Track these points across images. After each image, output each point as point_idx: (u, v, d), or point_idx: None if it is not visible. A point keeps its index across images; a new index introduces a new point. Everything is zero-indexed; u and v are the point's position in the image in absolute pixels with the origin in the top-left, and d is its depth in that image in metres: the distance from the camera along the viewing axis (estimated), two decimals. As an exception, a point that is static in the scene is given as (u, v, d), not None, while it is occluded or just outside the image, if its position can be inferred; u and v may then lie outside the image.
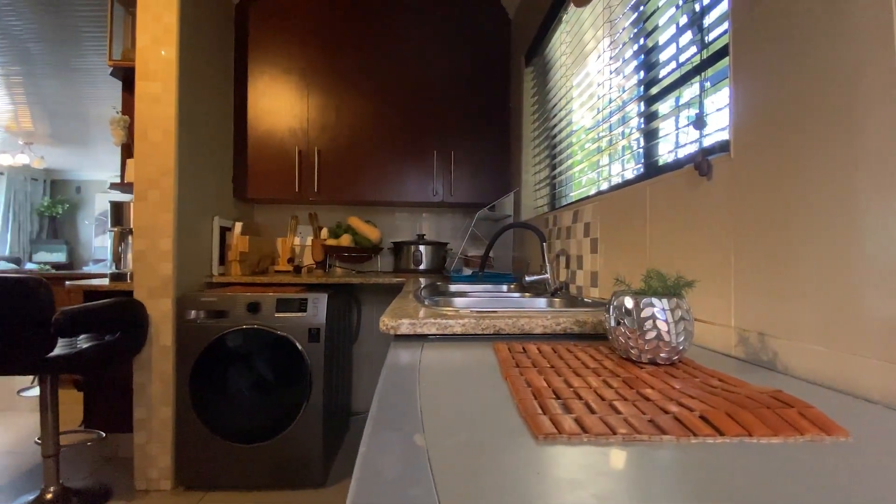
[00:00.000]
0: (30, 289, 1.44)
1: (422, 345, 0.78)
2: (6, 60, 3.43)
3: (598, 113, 1.53)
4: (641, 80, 1.27)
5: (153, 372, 1.83)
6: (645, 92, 1.24)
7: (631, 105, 1.32)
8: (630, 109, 1.33)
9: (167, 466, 1.83)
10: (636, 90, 1.30)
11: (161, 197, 1.84)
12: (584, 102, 1.63)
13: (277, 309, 1.85)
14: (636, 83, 1.30)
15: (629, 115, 1.35)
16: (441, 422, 0.44)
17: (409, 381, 0.58)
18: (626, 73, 1.35)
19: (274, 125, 2.40)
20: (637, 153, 1.37)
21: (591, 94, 1.56)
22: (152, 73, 1.85)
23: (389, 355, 0.72)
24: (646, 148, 1.24)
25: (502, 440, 0.40)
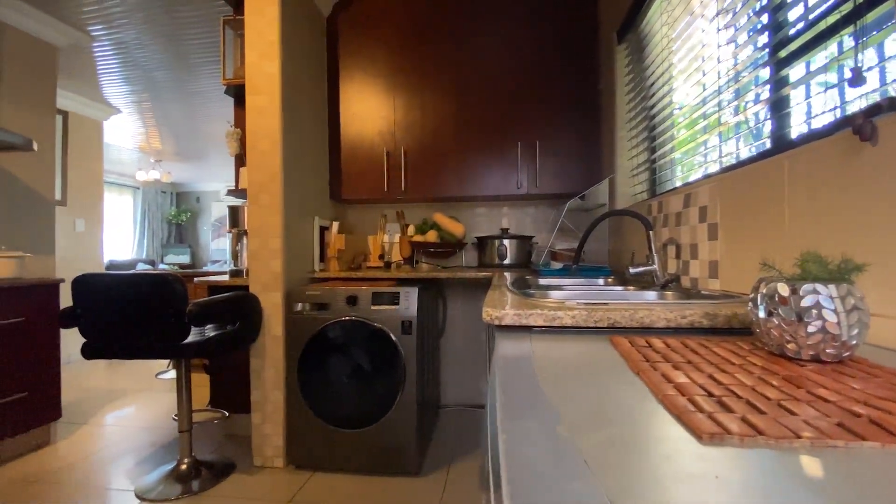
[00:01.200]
0: (169, 284, 1.65)
1: (529, 336, 0.75)
2: (138, 88, 4.01)
3: (704, 90, 1.37)
4: (766, 45, 1.11)
5: (266, 359, 2.01)
6: (771, 56, 1.08)
7: (748, 74, 1.16)
8: (748, 79, 1.18)
9: (280, 446, 2.00)
10: (759, 56, 1.14)
11: (270, 200, 2.02)
12: (691, 76, 1.47)
13: (373, 302, 1.93)
14: (756, 48, 1.15)
15: (747, 86, 1.20)
16: (579, 415, 0.41)
17: (526, 371, 0.56)
18: (739, 42, 1.19)
19: (363, 128, 2.51)
20: (758, 127, 1.21)
21: (699, 68, 1.40)
22: (259, 88, 2.03)
23: (498, 346, 0.70)
24: (776, 118, 1.09)
25: (656, 437, 0.36)
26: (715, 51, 1.29)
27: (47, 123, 2.86)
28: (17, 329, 2.12)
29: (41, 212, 2.79)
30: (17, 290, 2.12)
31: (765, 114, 1.14)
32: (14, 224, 2.63)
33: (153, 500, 1.78)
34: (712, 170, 1.31)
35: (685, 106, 1.53)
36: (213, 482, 1.89)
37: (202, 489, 1.85)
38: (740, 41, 1.22)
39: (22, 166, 2.68)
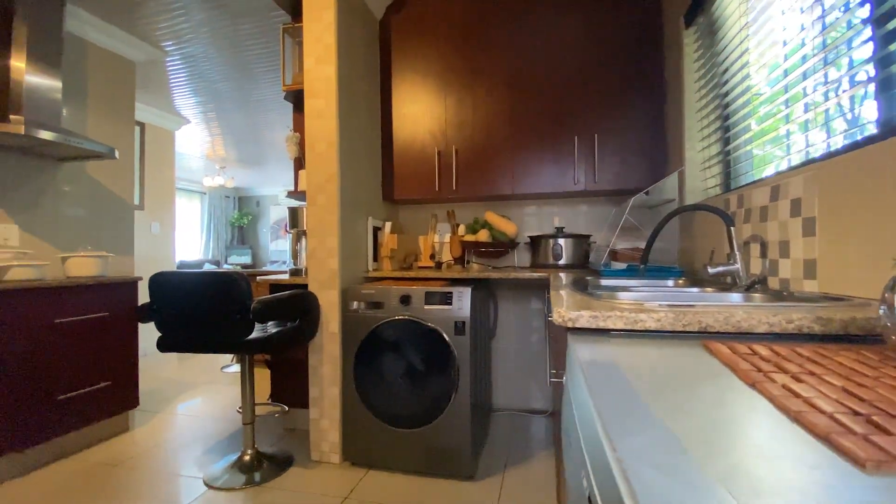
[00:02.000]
0: (235, 282, 1.73)
1: (607, 340, 0.69)
2: (204, 100, 4.28)
3: (787, 75, 1.24)
4: (867, 19, 0.98)
5: (324, 355, 2.06)
6: (877, 30, 0.95)
7: (841, 54, 1.03)
8: (841, 59, 1.04)
9: (336, 442, 2.04)
10: (853, 33, 1.01)
11: (327, 201, 2.06)
12: (771, 60, 1.33)
13: (426, 301, 1.92)
14: (850, 26, 1.01)
15: (840, 67, 1.06)
16: (698, 433, 0.35)
17: (618, 380, 0.50)
18: (828, 21, 1.06)
19: (415, 129, 2.52)
20: (857, 111, 1.06)
21: (781, 51, 1.27)
22: (316, 91, 2.08)
23: (575, 350, 0.65)
24: (884, 99, 0.95)
25: (806, 465, 0.30)
26: (800, 31, 1.16)
27: (127, 134, 3.10)
28: (101, 323, 2.31)
29: (122, 215, 3.04)
30: (101, 287, 2.31)
31: (859, 98, 1.01)
32: (98, 226, 2.87)
33: (219, 488, 1.87)
34: (797, 161, 1.18)
35: (766, 92, 1.39)
36: (273, 474, 1.95)
37: (263, 480, 1.91)
38: (829, 20, 1.09)
39: (105, 174, 2.93)
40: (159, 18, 2.78)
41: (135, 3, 2.62)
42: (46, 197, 2.56)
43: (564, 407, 0.68)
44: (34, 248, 2.49)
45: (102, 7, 2.65)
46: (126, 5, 2.63)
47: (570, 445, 0.55)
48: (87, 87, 2.82)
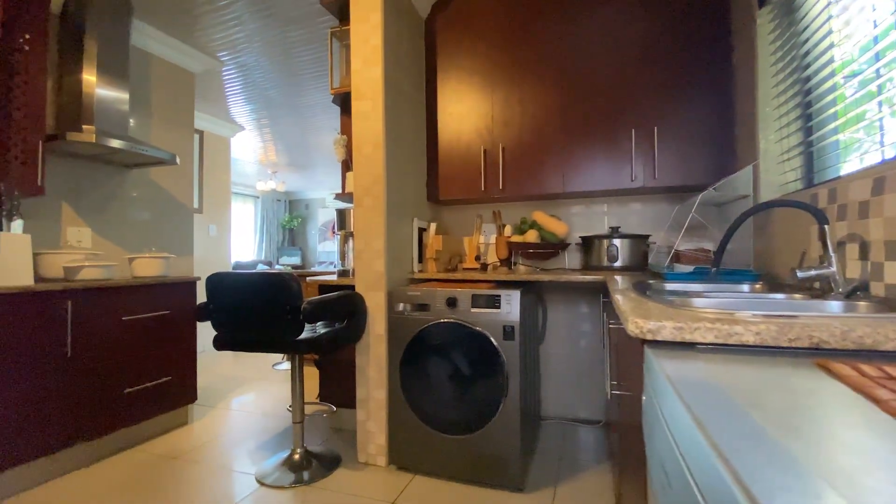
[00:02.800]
0: (286, 282, 1.75)
1: (694, 354, 0.60)
2: (257, 107, 4.45)
3: (880, 59, 1.07)
4: None
5: (370, 357, 2.05)
6: None
7: None
8: None
9: (382, 444, 2.02)
10: None
11: (374, 202, 2.05)
12: (862, 40, 1.16)
13: (473, 304, 1.86)
14: None
15: None
16: (855, 478, 0.27)
17: (725, 403, 0.42)
18: None
19: (461, 128, 2.47)
20: None
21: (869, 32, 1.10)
22: (363, 93, 2.08)
23: (661, 366, 0.57)
24: None
25: None
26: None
27: (187, 141, 3.27)
28: (163, 321, 2.43)
29: (183, 218, 3.20)
30: (163, 287, 2.43)
31: None
32: (161, 228, 3.04)
33: (270, 485, 1.90)
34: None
35: (862, 73, 1.22)
36: (321, 474, 1.96)
37: (312, 480, 1.93)
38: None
39: (168, 179, 3.10)
40: (216, 29, 2.91)
41: (194, 16, 2.75)
42: (115, 201, 2.74)
43: (652, 429, 0.60)
44: (104, 249, 2.66)
45: (165, 21, 2.80)
46: (186, 18, 2.77)
47: (667, 475, 0.47)
48: (151, 98, 3.00)
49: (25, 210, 2.26)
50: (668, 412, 0.49)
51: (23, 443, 1.81)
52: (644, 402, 0.65)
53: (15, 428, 1.79)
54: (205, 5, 2.64)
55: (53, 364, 1.92)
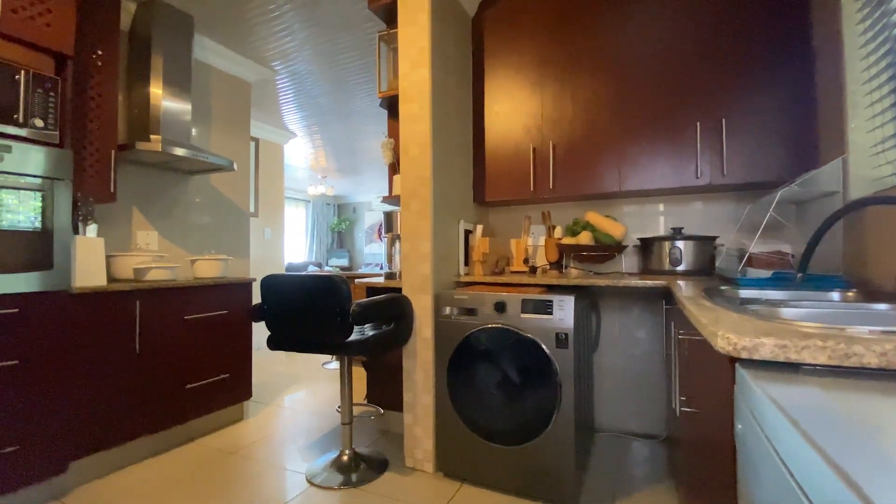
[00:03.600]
0: (336, 285, 1.76)
1: (802, 378, 0.51)
2: (307, 114, 4.60)
3: None
4: None
5: (417, 361, 2.02)
6: None
7: None
8: None
9: (429, 450, 1.99)
10: None
11: (420, 205, 2.03)
12: None
13: (522, 310, 1.79)
14: None
15: None
16: None
17: (859, 439, 0.34)
18: None
19: (509, 126, 2.40)
20: None
21: None
22: (411, 95, 2.07)
23: (757, 389, 0.49)
24: None
25: None
26: None
27: (244, 148, 3.42)
28: (222, 320, 2.54)
29: (240, 222, 3.35)
30: (222, 287, 2.54)
31: None
32: (220, 232, 3.19)
33: (318, 485, 1.92)
34: None
35: None
36: (369, 477, 1.96)
37: (360, 482, 1.92)
38: None
39: (226, 185, 3.25)
40: (269, 40, 3.02)
41: (249, 27, 2.86)
42: (179, 206, 2.90)
43: (755, 462, 0.52)
44: (169, 251, 2.83)
45: (222, 33, 2.94)
46: (241, 30, 2.89)
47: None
48: (211, 107, 3.16)
49: (99, 215, 2.44)
50: (783, 447, 0.41)
51: (95, 434, 1.94)
52: (739, 431, 0.57)
53: (88, 420, 1.92)
54: (258, 16, 2.74)
55: (123, 360, 2.05)
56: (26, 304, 1.70)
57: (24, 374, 1.69)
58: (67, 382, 1.83)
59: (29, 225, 1.78)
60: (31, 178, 1.77)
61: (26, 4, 1.74)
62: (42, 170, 1.78)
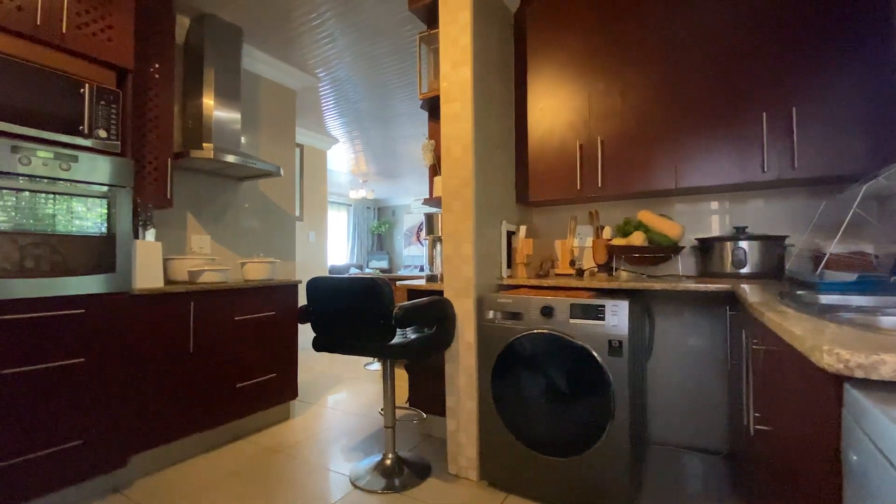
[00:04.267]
0: (379, 287, 1.75)
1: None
2: (348, 120, 4.68)
3: None
4: None
5: (460, 365, 1.98)
6: None
7: None
8: None
9: (473, 458, 1.94)
10: None
11: (462, 206, 1.99)
12: None
13: (571, 315, 1.70)
14: None
15: None
16: None
17: None
18: None
19: (553, 123, 2.32)
20: None
21: None
22: (452, 95, 2.03)
23: (890, 417, 0.40)
24: None
25: None
26: None
27: (290, 155, 3.51)
28: (269, 321, 2.60)
29: (286, 226, 3.44)
30: (269, 289, 2.60)
31: None
32: (268, 235, 3.29)
33: (362, 488, 1.91)
34: None
35: None
36: (412, 482, 1.93)
37: (403, 487, 1.90)
38: None
39: (273, 191, 3.35)
40: (312, 47, 3.09)
41: (294, 36, 2.94)
42: (230, 211, 3.01)
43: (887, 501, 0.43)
44: (220, 255, 2.94)
45: (269, 43, 3.04)
46: (287, 39, 2.97)
47: None
48: (259, 116, 3.27)
49: (157, 220, 2.57)
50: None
51: (153, 430, 2.03)
52: (854, 462, 0.48)
53: (147, 416, 2.01)
54: (302, 25, 2.81)
55: (179, 359, 2.14)
56: (91, 305, 1.80)
57: (88, 371, 1.79)
58: (128, 380, 1.93)
59: (96, 231, 1.89)
60: (97, 186, 1.88)
61: (90, 21, 1.85)
62: (106, 178, 1.88)
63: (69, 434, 1.72)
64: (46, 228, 1.76)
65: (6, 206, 1.66)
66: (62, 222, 1.80)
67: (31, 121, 1.67)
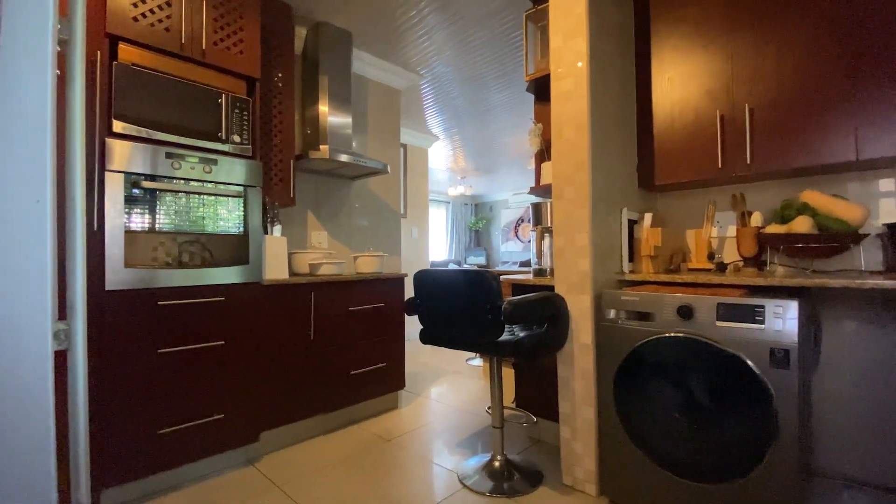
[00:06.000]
0: (486, 280, 1.66)
1: None
2: (447, 117, 4.69)
3: None
4: None
5: (575, 369, 1.81)
6: None
7: None
8: None
9: (591, 471, 1.75)
10: None
11: (576, 193, 1.81)
12: None
13: (719, 316, 1.43)
14: None
15: None
16: None
17: None
18: None
19: (686, 94, 2.00)
20: None
21: None
22: (565, 71, 1.85)
23: None
24: None
25: None
26: None
27: (395, 154, 3.61)
28: (379, 312, 2.68)
29: (392, 222, 3.55)
30: (379, 282, 2.68)
31: None
32: (376, 231, 3.42)
33: (470, 487, 1.85)
34: None
35: None
36: (523, 489, 1.82)
37: (512, 492, 1.79)
38: None
39: (381, 189, 3.47)
40: (413, 45, 3.11)
41: (397, 35, 2.99)
42: (343, 209, 3.18)
43: None
44: (336, 249, 3.12)
45: (375, 45, 3.13)
46: (391, 39, 3.04)
47: None
48: (367, 117, 3.40)
49: (282, 217, 2.80)
50: None
51: (280, 409, 2.20)
52: None
53: (275, 396, 2.18)
54: (403, 24, 2.83)
55: (301, 345, 2.29)
56: (230, 294, 2.00)
57: (227, 352, 1.98)
58: (259, 362, 2.11)
59: (235, 230, 2.15)
60: (234, 186, 2.08)
61: (224, 37, 2.05)
62: (241, 179, 2.08)
63: (213, 408, 1.93)
64: (198, 229, 2.06)
65: (169, 212, 2.00)
66: (210, 224, 2.10)
67: (180, 130, 1.90)
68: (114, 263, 1.69)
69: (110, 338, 1.66)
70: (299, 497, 1.79)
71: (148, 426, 1.75)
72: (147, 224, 1.95)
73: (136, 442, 1.72)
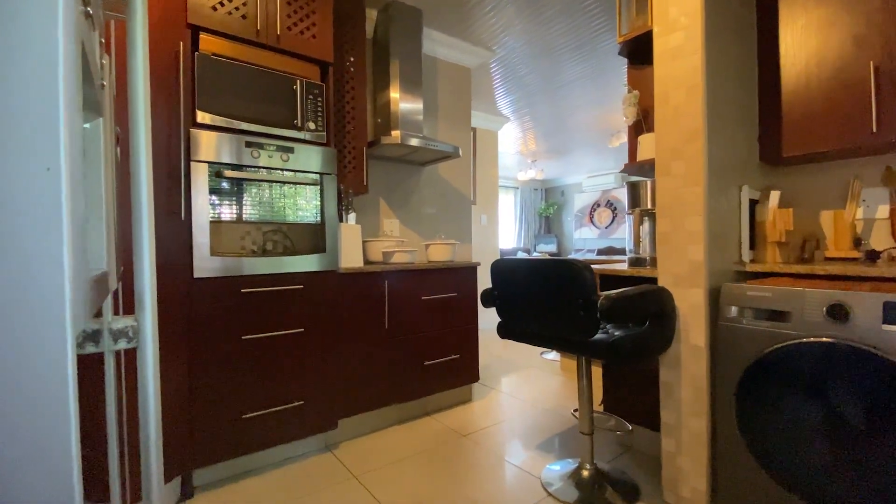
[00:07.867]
0: (578, 271, 1.46)
1: None
2: (517, 97, 4.42)
3: None
4: None
5: (682, 374, 1.56)
6: None
7: None
8: None
9: (702, 490, 1.52)
10: None
11: (686, 168, 1.54)
12: None
13: (886, 319, 1.13)
14: None
15: None
16: None
17: None
18: None
19: (821, 44, 1.63)
20: None
21: None
22: (671, 24, 1.58)
23: None
24: None
25: None
26: None
27: (465, 137, 3.46)
28: (452, 301, 2.58)
29: (463, 209, 3.42)
30: (451, 271, 2.57)
31: None
32: (447, 218, 3.31)
33: (555, 496, 1.69)
34: None
35: None
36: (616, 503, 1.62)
37: (604, 506, 1.61)
38: None
39: (451, 175, 3.34)
40: (483, 19, 2.92)
41: (467, 9, 2.81)
42: (414, 196, 3.10)
43: None
44: (407, 237, 3.06)
45: (444, 22, 2.98)
46: (461, 14, 2.86)
47: None
48: (437, 99, 3.27)
49: (355, 205, 2.78)
50: None
51: (357, 397, 2.19)
52: None
53: (353, 384, 2.17)
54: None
55: (376, 333, 2.25)
56: (309, 282, 1.99)
57: (307, 340, 1.99)
58: (337, 349, 2.10)
59: (312, 219, 2.17)
60: (311, 174, 2.06)
61: (297, 21, 2.01)
62: (317, 166, 2.05)
63: (293, 395, 1.95)
64: (279, 218, 2.13)
65: (254, 202, 2.07)
66: (290, 214, 2.15)
67: (258, 118, 1.90)
68: (201, 252, 1.74)
69: (198, 323, 1.71)
70: (377, 491, 1.75)
71: (233, 410, 1.79)
72: (234, 214, 2.01)
73: (223, 424, 1.77)
